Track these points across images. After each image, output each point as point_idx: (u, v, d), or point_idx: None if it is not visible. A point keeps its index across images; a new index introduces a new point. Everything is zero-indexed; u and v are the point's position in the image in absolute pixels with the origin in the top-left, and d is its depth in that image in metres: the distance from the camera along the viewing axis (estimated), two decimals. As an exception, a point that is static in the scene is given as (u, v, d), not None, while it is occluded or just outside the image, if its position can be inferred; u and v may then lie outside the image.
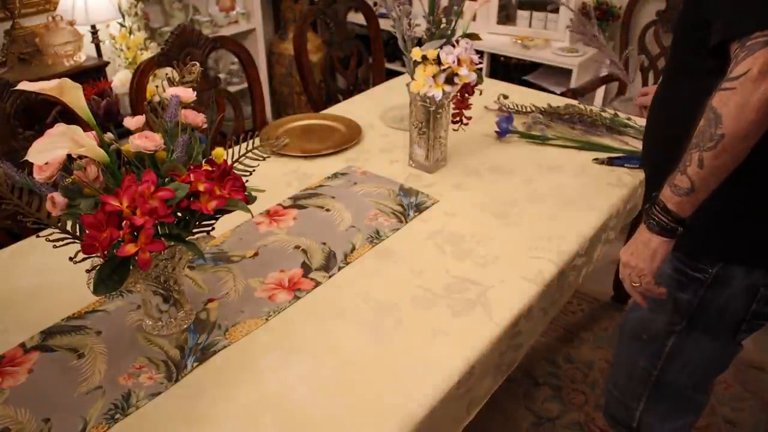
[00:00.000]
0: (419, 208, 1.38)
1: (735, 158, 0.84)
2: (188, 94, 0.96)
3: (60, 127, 0.80)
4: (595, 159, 1.58)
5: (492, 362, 1.06)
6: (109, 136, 0.89)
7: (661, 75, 1.16)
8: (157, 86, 1.00)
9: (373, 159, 1.61)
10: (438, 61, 1.38)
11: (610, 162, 1.56)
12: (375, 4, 3.38)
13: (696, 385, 1.20)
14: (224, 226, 1.27)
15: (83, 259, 0.85)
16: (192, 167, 0.89)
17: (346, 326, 1.05)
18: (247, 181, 0.93)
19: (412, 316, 1.07)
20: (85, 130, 0.83)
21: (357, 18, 2.92)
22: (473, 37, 1.45)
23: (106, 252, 0.79)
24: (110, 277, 0.83)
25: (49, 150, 0.78)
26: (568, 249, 1.24)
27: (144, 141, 0.87)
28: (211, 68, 3.16)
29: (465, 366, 0.97)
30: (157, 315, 1.01)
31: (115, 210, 0.78)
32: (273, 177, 1.51)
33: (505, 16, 3.22)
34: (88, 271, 0.88)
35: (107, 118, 0.95)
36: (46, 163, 0.83)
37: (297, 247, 1.25)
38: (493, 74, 3.22)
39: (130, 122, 0.93)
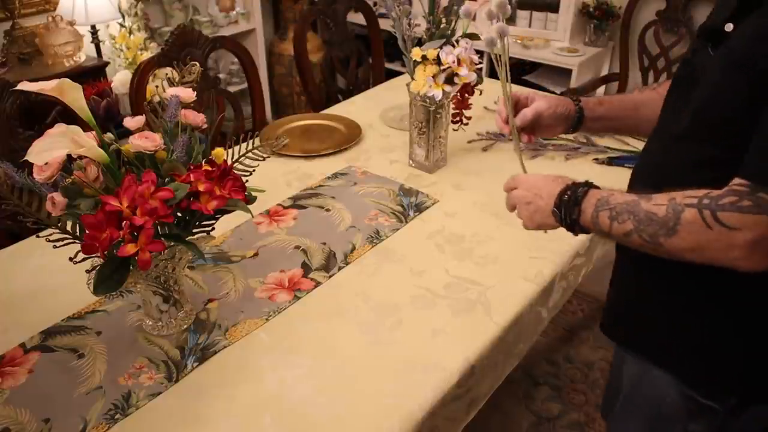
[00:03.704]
0: (419, 208, 1.38)
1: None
2: (188, 94, 0.96)
3: (60, 127, 0.81)
4: (595, 159, 1.58)
5: (492, 362, 1.06)
6: (109, 136, 0.89)
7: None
8: (157, 86, 1.00)
9: (373, 159, 1.61)
10: (438, 61, 1.38)
11: (610, 162, 1.56)
12: (375, 4, 3.37)
13: None
14: (224, 226, 1.27)
15: (83, 259, 0.85)
16: (192, 167, 0.89)
17: (346, 326, 1.05)
18: (247, 181, 0.93)
19: (412, 316, 1.07)
20: (85, 130, 0.83)
21: (357, 18, 2.92)
22: (473, 37, 1.45)
23: (106, 252, 0.79)
24: (110, 278, 0.83)
25: (49, 150, 0.79)
26: (568, 249, 1.24)
27: (144, 141, 0.87)
28: (211, 68, 3.15)
29: (465, 366, 0.97)
30: (157, 315, 1.01)
31: (115, 210, 0.78)
32: (273, 177, 1.51)
33: (505, 16, 3.22)
34: (88, 271, 0.88)
35: (107, 118, 0.95)
36: (46, 163, 0.83)
37: (297, 247, 1.25)
38: (493, 74, 3.21)
39: (130, 122, 0.93)
